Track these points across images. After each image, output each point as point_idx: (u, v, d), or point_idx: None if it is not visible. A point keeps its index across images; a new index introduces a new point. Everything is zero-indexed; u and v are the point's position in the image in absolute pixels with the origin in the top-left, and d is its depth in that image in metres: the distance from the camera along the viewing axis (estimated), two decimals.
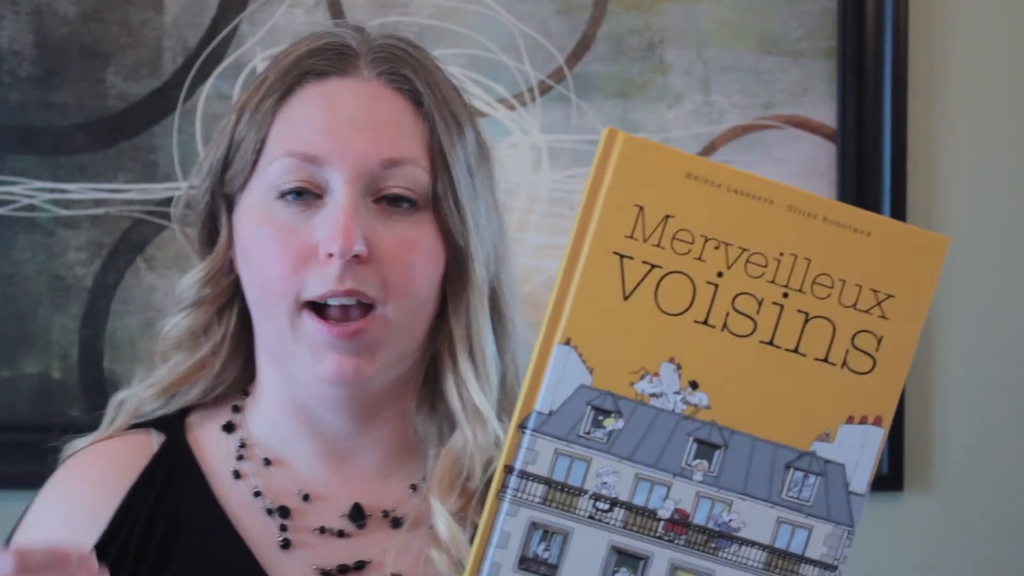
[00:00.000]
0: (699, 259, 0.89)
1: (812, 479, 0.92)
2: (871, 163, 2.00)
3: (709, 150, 2.01)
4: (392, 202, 1.12)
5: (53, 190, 2.03)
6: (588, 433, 0.90)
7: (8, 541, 1.20)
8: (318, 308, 1.11)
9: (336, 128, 1.11)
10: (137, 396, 1.22)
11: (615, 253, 0.89)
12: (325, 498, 1.18)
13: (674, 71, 2.01)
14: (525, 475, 0.90)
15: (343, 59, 1.15)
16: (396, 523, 1.17)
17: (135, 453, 1.19)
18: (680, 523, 0.91)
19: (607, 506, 0.90)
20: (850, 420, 0.92)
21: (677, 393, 0.90)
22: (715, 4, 2.01)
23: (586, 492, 0.90)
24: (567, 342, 0.89)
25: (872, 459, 0.92)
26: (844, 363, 0.91)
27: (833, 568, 0.94)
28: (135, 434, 1.21)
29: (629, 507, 0.91)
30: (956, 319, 2.04)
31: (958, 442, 2.05)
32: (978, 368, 2.04)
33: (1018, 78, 2.03)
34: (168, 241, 2.02)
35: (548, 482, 0.90)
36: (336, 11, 2.01)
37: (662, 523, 0.91)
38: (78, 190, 2.02)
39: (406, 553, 1.15)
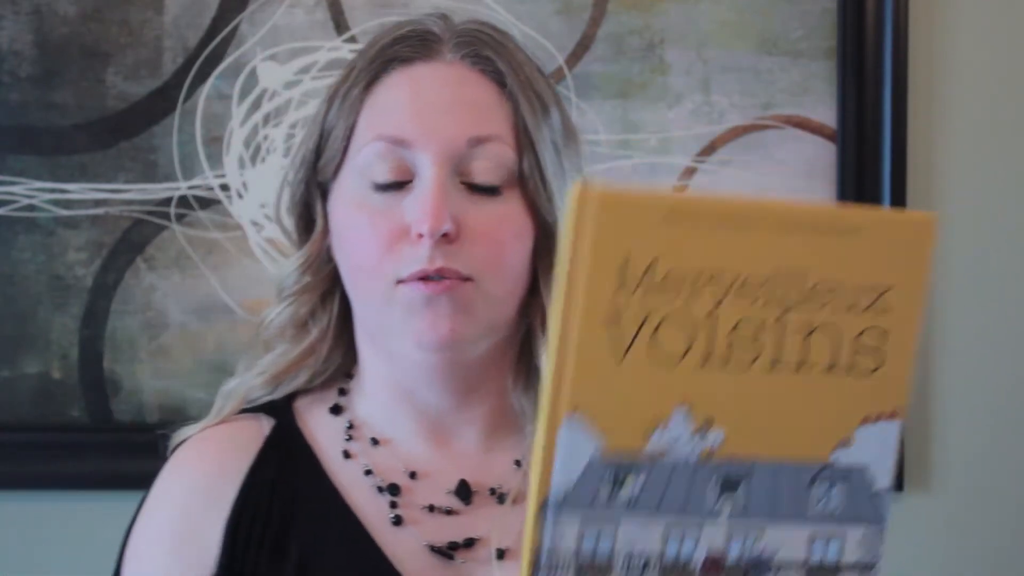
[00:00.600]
0: (692, 297, 0.87)
1: (836, 488, 0.91)
2: (871, 163, 2.00)
3: (709, 150, 2.01)
4: (480, 187, 1.15)
5: (53, 190, 2.03)
6: (609, 500, 0.87)
7: (129, 530, 1.24)
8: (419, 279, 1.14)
9: (422, 111, 1.14)
10: (246, 385, 1.26)
11: (606, 313, 0.85)
12: (431, 475, 1.20)
13: (674, 71, 2.01)
14: (553, 558, 0.87)
15: (426, 45, 1.17)
16: (502, 499, 1.20)
17: (249, 437, 1.22)
18: (715, 566, 0.89)
19: (640, 565, 0.88)
20: (866, 420, 0.91)
21: (692, 436, 0.88)
22: (715, 4, 2.01)
23: (617, 561, 0.88)
24: (572, 412, 0.86)
25: (892, 453, 0.91)
26: (852, 367, 0.90)
27: (872, 567, 0.94)
28: (246, 419, 1.24)
29: (662, 562, 0.88)
30: (956, 319, 2.04)
31: (958, 442, 2.05)
32: (978, 368, 2.04)
33: (1018, 78, 2.03)
34: (168, 241, 2.02)
35: (578, 562, 0.87)
36: (336, 11, 2.01)
37: (697, 571, 0.89)
38: (78, 190, 2.02)
39: (510, 529, 1.17)
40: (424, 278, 1.12)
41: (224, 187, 2.02)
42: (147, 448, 2.02)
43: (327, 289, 1.23)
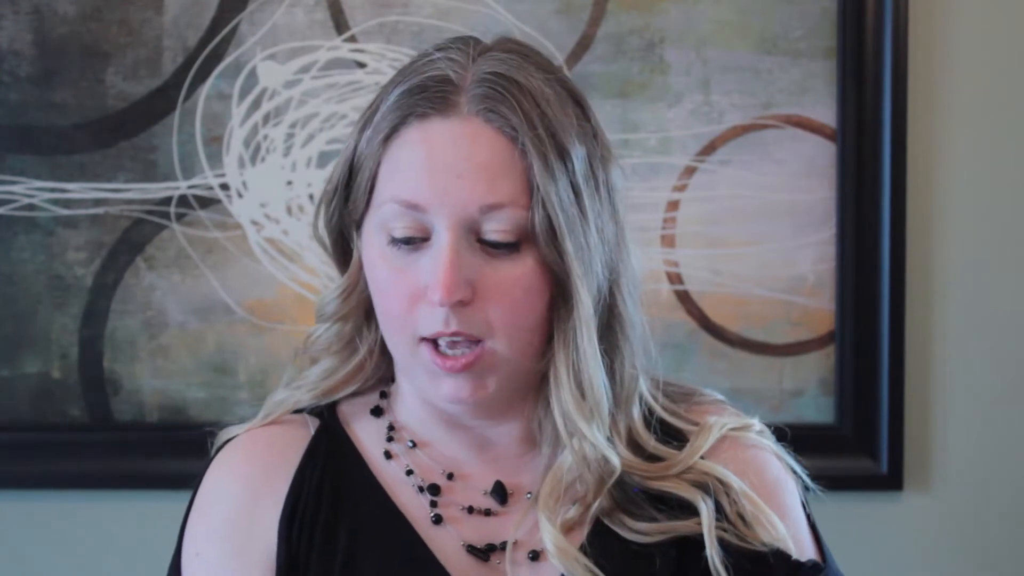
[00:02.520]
0: None
1: None
2: (871, 163, 2.00)
3: (709, 150, 2.01)
4: (493, 246, 1.17)
5: (53, 190, 2.03)
6: None
7: (183, 527, 1.26)
8: (433, 339, 1.18)
9: (435, 175, 1.16)
10: (295, 399, 1.30)
11: None
12: (469, 477, 1.25)
13: (674, 71, 2.01)
14: None
15: (443, 98, 1.17)
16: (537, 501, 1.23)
17: (295, 436, 1.27)
18: None
19: None
20: None
21: None
22: (715, 4, 2.01)
23: None
24: None
25: None
26: None
27: None
28: (291, 420, 1.29)
29: None
30: (956, 319, 2.03)
31: (958, 442, 2.05)
32: (978, 368, 2.04)
33: (1018, 78, 2.03)
34: (168, 241, 2.02)
35: None
36: (336, 11, 2.01)
37: None
38: (78, 190, 2.02)
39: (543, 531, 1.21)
40: (437, 343, 1.17)
41: (224, 187, 2.02)
42: (147, 448, 2.03)
43: (370, 308, 1.25)
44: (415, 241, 1.17)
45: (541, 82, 1.19)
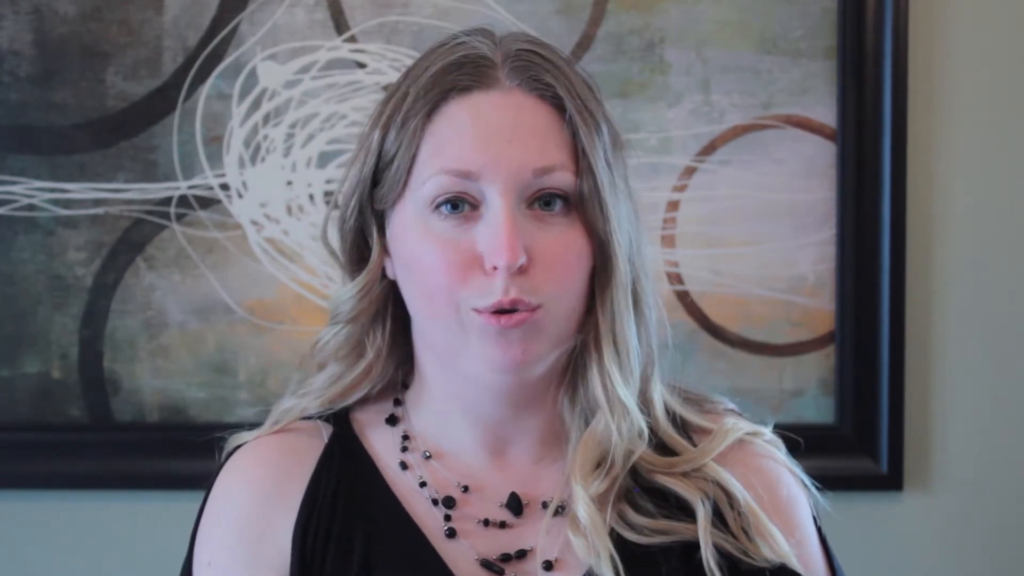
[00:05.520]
0: None
1: None
2: (871, 163, 2.00)
3: (709, 150, 2.01)
4: (545, 204, 1.18)
5: (53, 190, 2.03)
6: None
7: (195, 532, 1.25)
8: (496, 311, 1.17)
9: (486, 142, 1.16)
10: (302, 407, 1.29)
11: None
12: (484, 488, 1.24)
13: (674, 71, 2.01)
14: None
15: (482, 71, 1.19)
16: (554, 512, 1.22)
17: (309, 444, 1.26)
18: None
19: None
20: None
21: None
22: (715, 4, 2.01)
23: None
24: None
25: None
26: None
27: None
28: (304, 427, 1.28)
29: None
30: (956, 319, 2.04)
31: (958, 442, 2.05)
32: (978, 368, 2.04)
33: (1018, 78, 2.03)
34: (168, 241, 2.02)
35: None
36: (336, 11, 2.01)
37: None
38: (78, 190, 2.02)
39: (556, 538, 1.20)
40: (498, 311, 1.16)
41: (224, 187, 2.02)
42: (147, 448, 2.03)
43: (379, 309, 1.26)
44: (463, 207, 1.17)
45: (564, 63, 1.22)
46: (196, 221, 2.02)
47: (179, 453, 1.95)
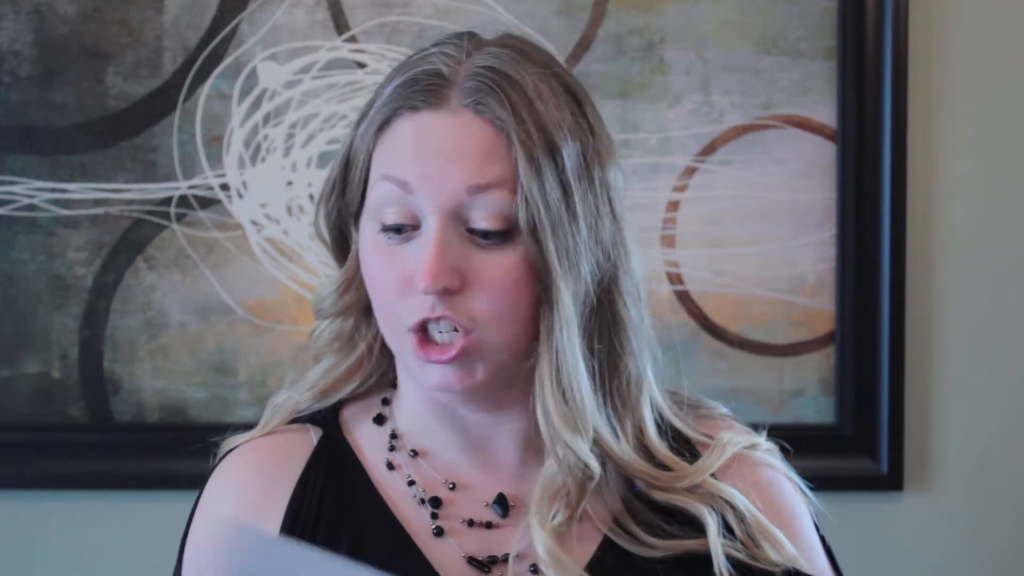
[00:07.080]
0: None
1: None
2: (871, 163, 2.00)
3: (709, 150, 2.01)
4: (482, 235, 1.16)
5: (53, 190, 2.03)
6: None
7: (185, 535, 1.26)
8: (423, 326, 1.17)
9: (423, 158, 1.16)
10: (295, 400, 1.29)
11: None
12: (470, 487, 1.23)
13: (674, 71, 2.01)
14: None
15: (434, 91, 1.17)
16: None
17: (298, 447, 1.26)
18: None
19: None
20: None
21: None
22: (715, 4, 2.01)
23: None
24: None
25: None
26: None
27: None
28: (294, 429, 1.28)
29: None
30: (956, 319, 2.04)
31: (958, 442, 2.05)
32: (978, 368, 2.04)
33: (1018, 78, 2.03)
34: (168, 241, 2.02)
35: None
36: (336, 11, 2.01)
37: None
38: (78, 190, 2.02)
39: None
40: (425, 329, 1.16)
41: (224, 187, 2.02)
42: (147, 448, 2.03)
43: (367, 304, 1.25)
44: (406, 229, 1.16)
45: (535, 77, 1.18)
46: (196, 221, 2.02)
47: (179, 453, 1.95)
